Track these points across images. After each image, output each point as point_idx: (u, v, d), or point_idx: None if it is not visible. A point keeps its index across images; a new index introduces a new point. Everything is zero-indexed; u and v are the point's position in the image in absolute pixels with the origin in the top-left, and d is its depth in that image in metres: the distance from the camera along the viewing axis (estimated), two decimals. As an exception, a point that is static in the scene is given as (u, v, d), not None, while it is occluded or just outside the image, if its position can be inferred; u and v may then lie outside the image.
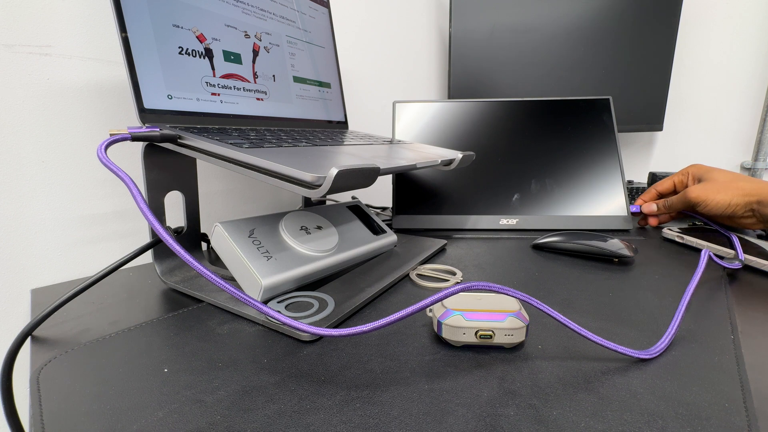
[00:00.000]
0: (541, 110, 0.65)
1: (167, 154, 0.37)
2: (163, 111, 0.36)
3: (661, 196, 0.61)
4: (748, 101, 1.00)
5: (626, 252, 0.44)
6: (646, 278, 0.40)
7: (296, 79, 0.51)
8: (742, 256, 0.43)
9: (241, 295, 0.26)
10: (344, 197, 0.82)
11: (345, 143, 0.44)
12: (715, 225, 0.55)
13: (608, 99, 0.65)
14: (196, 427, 0.20)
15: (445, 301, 0.28)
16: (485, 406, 0.21)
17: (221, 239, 0.33)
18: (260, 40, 0.46)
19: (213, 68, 0.40)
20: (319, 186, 0.26)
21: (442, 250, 0.50)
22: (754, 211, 0.49)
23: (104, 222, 0.47)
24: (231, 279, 0.37)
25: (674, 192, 0.60)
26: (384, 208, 0.77)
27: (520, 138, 0.64)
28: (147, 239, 0.51)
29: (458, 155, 0.48)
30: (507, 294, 0.25)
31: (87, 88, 0.44)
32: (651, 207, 0.59)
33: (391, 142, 0.54)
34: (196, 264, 0.26)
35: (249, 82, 0.44)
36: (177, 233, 0.40)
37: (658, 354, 0.26)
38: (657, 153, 1.09)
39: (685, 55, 1.02)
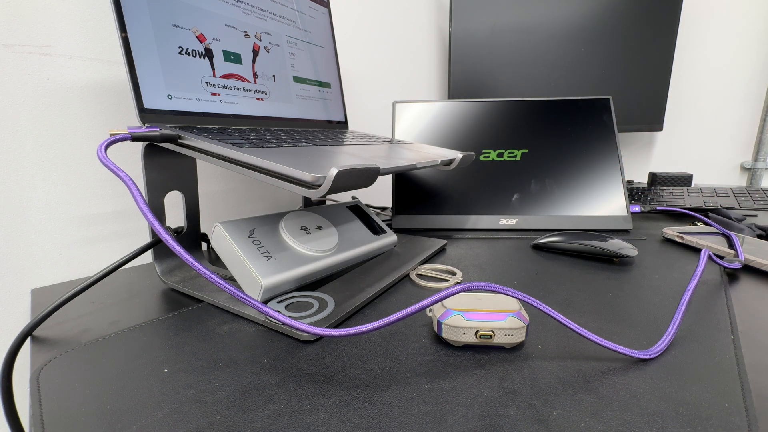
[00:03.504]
0: (541, 110, 0.65)
1: (167, 154, 0.37)
2: (163, 111, 0.36)
3: None
4: (748, 101, 1.00)
5: (627, 252, 0.44)
6: (646, 278, 0.40)
7: (296, 79, 0.51)
8: (742, 256, 0.43)
9: (241, 295, 0.26)
10: (344, 197, 0.82)
11: (345, 143, 0.44)
12: (715, 225, 0.55)
13: (608, 99, 0.65)
14: (196, 427, 0.20)
15: (445, 301, 0.28)
16: (485, 406, 0.21)
17: (221, 239, 0.33)
18: (260, 40, 0.46)
19: (213, 68, 0.40)
20: (319, 186, 0.26)
21: (442, 250, 0.50)
22: None
23: (104, 222, 0.47)
24: (231, 279, 0.37)
25: None
26: (384, 208, 0.77)
27: (520, 138, 0.64)
28: (147, 239, 0.51)
29: (458, 155, 0.48)
30: (507, 294, 0.26)
31: (87, 88, 0.44)
32: None
33: (391, 142, 0.54)
34: (196, 264, 0.26)
35: (249, 82, 0.44)
36: (177, 233, 0.40)
37: (658, 354, 0.26)
38: (657, 153, 1.09)
39: (685, 55, 1.02)
